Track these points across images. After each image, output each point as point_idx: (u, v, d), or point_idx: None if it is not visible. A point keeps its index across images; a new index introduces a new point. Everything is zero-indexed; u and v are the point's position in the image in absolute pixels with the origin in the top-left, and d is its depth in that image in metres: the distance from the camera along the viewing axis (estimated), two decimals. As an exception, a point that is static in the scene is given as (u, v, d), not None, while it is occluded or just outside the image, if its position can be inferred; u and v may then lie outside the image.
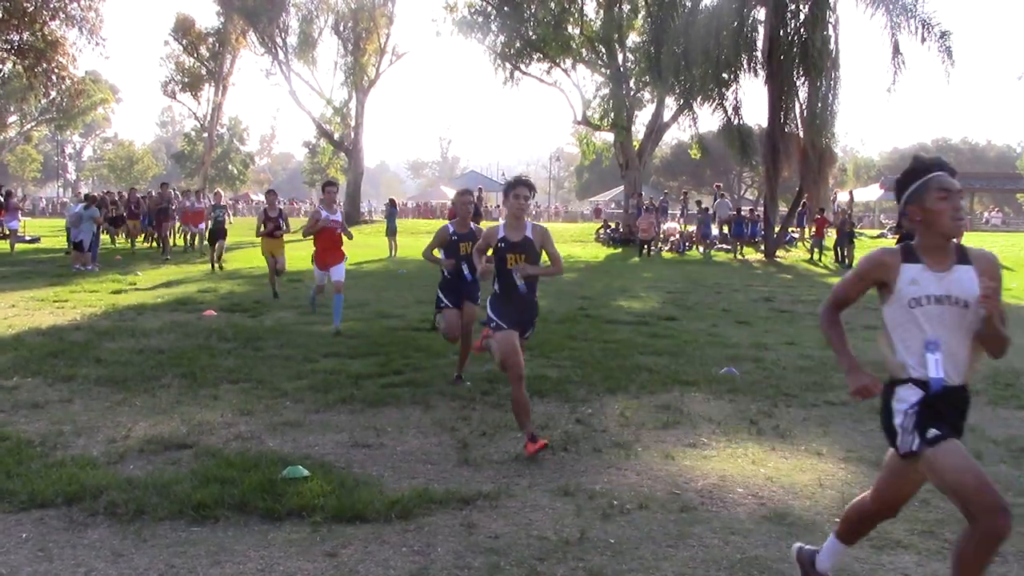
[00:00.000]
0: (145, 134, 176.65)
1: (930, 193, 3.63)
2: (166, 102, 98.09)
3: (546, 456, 6.31)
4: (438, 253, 8.95)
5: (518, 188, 6.61)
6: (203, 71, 60.19)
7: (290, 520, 4.96)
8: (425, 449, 6.47)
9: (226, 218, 22.51)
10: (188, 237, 29.00)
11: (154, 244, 29.39)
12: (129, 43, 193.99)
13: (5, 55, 39.58)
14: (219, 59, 58.11)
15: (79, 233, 21.50)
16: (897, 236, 9.21)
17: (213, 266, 21.41)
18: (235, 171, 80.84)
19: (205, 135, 65.16)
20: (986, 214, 59.91)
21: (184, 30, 58.16)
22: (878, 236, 38.72)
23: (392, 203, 33.39)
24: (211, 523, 4.90)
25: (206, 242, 24.64)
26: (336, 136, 51.47)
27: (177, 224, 29.77)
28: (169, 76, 61.39)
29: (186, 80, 60.72)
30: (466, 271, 8.55)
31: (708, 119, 31.28)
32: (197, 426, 6.92)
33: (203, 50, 58.73)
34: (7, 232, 28.46)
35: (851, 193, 33.46)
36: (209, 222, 23.12)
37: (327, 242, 12.07)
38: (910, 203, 3.72)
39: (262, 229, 15.34)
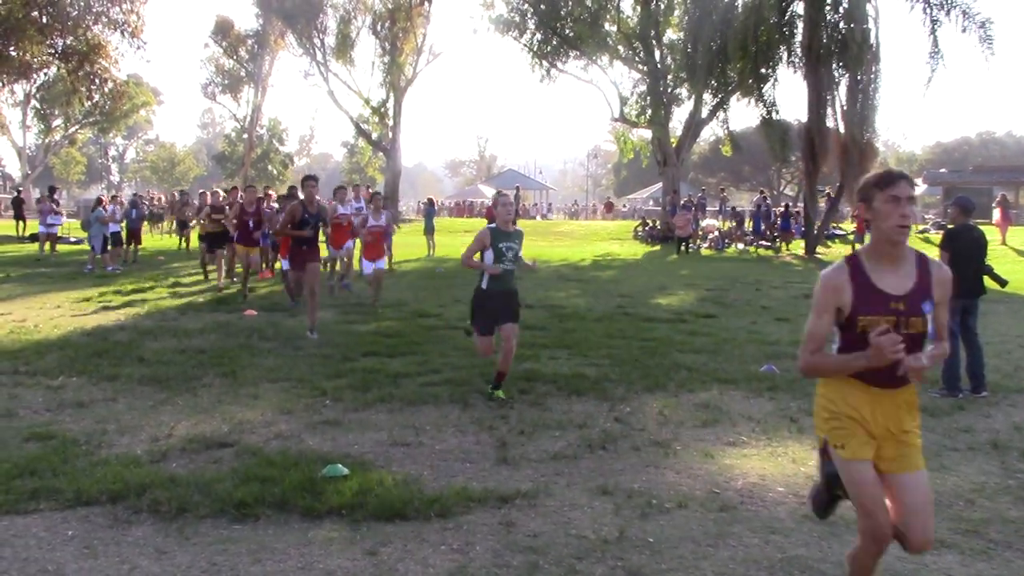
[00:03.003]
0: (186, 136, 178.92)
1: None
2: (207, 104, 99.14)
3: (584, 455, 6.31)
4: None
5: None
6: (242, 73, 60.79)
7: (330, 518, 5.00)
8: (464, 448, 6.49)
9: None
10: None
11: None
12: (170, 46, 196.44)
13: (49, 59, 40.24)
14: (258, 61, 58.61)
15: (93, 236, 21.65)
16: (942, 233, 9.07)
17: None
18: (275, 171, 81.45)
19: (245, 136, 65.78)
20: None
21: (224, 32, 58.76)
22: (921, 232, 38.20)
23: (430, 202, 33.47)
24: (252, 521, 4.95)
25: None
26: (374, 136, 51.73)
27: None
28: (209, 78, 62.26)
29: (226, 82, 61.45)
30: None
31: (746, 115, 31.04)
32: (238, 425, 7.00)
33: (242, 52, 59.30)
34: (38, 235, 28.20)
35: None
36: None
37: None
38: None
39: None
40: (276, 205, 19.02)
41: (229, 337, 11.20)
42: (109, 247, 21.86)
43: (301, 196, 12.14)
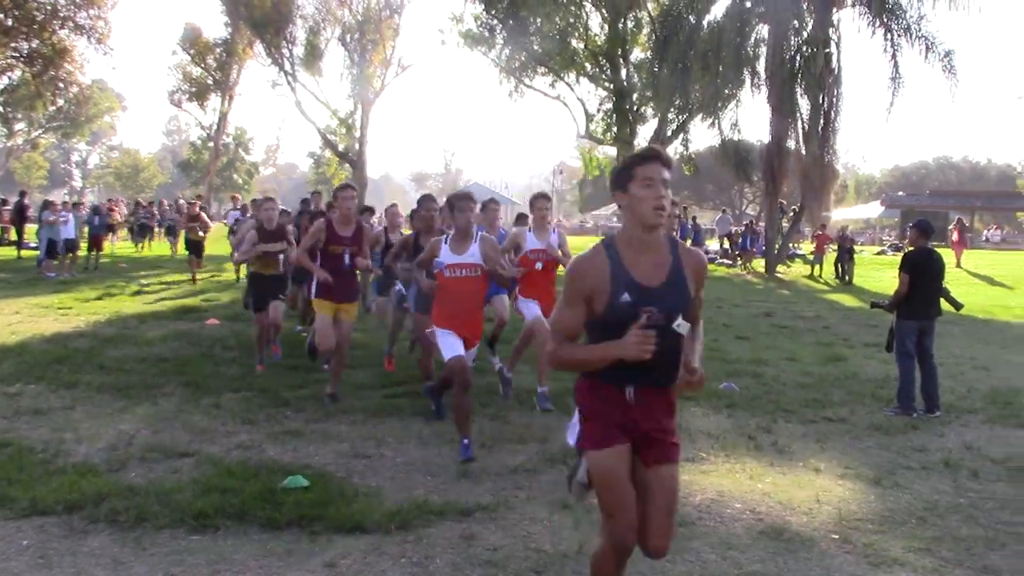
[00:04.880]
0: (151, 143, 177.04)
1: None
2: (172, 111, 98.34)
3: (545, 469, 6.35)
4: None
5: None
6: (210, 81, 60.35)
7: (290, 530, 5.00)
8: (425, 460, 6.50)
9: None
10: None
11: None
12: (136, 52, 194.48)
13: (14, 62, 39.82)
14: (226, 69, 58.23)
15: (41, 240, 21.42)
16: (901, 254, 9.27)
17: None
18: (240, 180, 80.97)
19: (210, 144, 65.30)
20: (985, 232, 60.04)
21: (192, 40, 58.35)
22: (879, 253, 38.75)
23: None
24: (211, 532, 4.94)
25: None
26: (341, 147, 51.54)
27: None
28: (176, 86, 61.62)
29: (193, 90, 60.91)
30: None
31: (710, 134, 31.31)
32: (199, 434, 6.97)
33: (210, 60, 58.89)
34: None
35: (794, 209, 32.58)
36: None
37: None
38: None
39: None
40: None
41: (191, 346, 11.14)
42: (65, 252, 21.60)
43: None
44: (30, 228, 29.17)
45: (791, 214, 31.89)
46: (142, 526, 4.96)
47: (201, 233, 20.52)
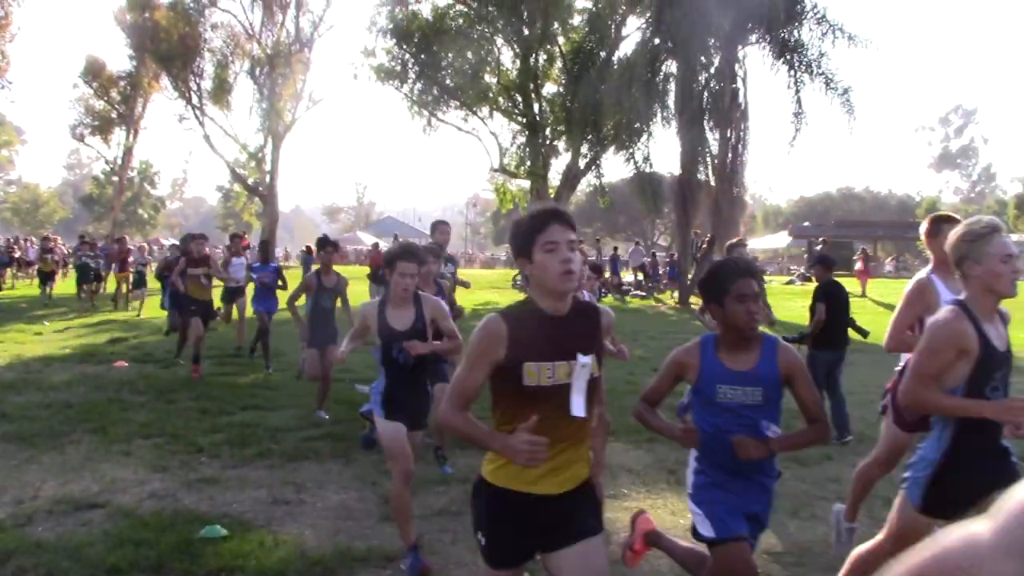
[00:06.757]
0: (51, 177, 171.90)
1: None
2: (74, 145, 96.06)
3: (469, 510, 6.29)
4: None
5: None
6: (113, 114, 59.08)
7: (208, 583, 4.86)
8: (346, 505, 6.40)
9: None
10: None
11: None
12: (35, 84, 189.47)
13: (-95, 96, 38.44)
14: (130, 103, 57.11)
15: None
16: (814, 285, 9.50)
17: None
18: (145, 215, 79.37)
19: (115, 179, 63.83)
20: (887, 262, 62.35)
21: (94, 73, 57.07)
22: (788, 283, 39.71)
23: (308, 250, 33.22)
24: (126, 587, 4.78)
25: None
26: (251, 181, 50.92)
27: None
28: (78, 119, 60.13)
29: (96, 123, 59.51)
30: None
31: (623, 167, 32.06)
32: (109, 484, 6.75)
33: (114, 93, 57.67)
34: None
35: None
36: None
37: None
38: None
39: None
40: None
41: (98, 390, 10.80)
42: None
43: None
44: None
45: (704, 245, 32.58)
46: (52, 584, 4.78)
47: (205, 282, 12.88)
